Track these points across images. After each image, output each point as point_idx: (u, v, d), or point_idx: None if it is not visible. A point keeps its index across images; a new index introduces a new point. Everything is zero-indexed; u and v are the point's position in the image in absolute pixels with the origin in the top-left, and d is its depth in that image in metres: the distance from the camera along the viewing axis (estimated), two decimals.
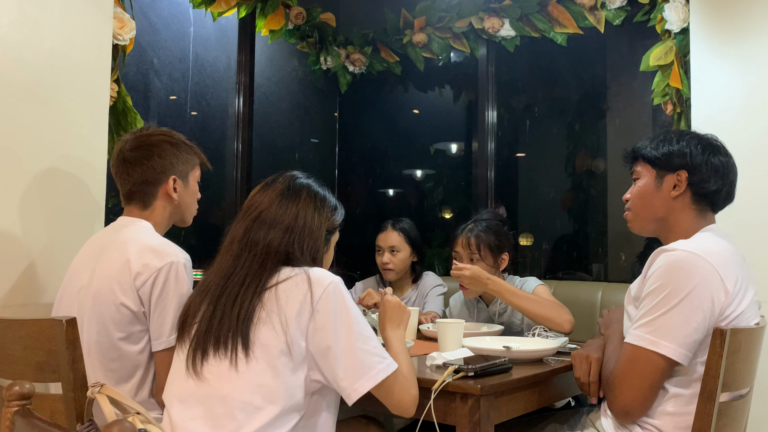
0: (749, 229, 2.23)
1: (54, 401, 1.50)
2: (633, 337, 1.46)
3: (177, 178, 1.75)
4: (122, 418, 0.94)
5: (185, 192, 1.78)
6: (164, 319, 1.57)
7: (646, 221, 1.66)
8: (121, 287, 1.57)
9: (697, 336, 1.42)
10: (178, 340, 1.39)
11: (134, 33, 2.38)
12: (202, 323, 1.33)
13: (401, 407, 1.37)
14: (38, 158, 2.00)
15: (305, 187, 1.47)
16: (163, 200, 1.75)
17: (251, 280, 1.33)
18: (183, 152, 1.77)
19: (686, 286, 1.41)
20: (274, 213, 1.41)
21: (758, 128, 2.35)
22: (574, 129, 3.34)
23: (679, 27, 2.60)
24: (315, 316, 1.29)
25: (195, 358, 1.30)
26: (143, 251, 1.60)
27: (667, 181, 1.60)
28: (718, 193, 1.58)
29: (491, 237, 2.35)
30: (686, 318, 1.41)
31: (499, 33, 3.28)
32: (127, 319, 1.58)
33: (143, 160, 1.71)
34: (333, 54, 3.72)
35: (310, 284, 1.31)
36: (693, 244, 1.47)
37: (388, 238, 2.78)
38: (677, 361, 1.42)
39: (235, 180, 3.22)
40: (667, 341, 1.41)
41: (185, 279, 1.59)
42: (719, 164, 1.57)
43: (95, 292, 1.60)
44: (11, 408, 0.99)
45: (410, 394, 1.38)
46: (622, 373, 1.48)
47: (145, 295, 1.58)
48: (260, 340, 1.27)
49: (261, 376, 1.26)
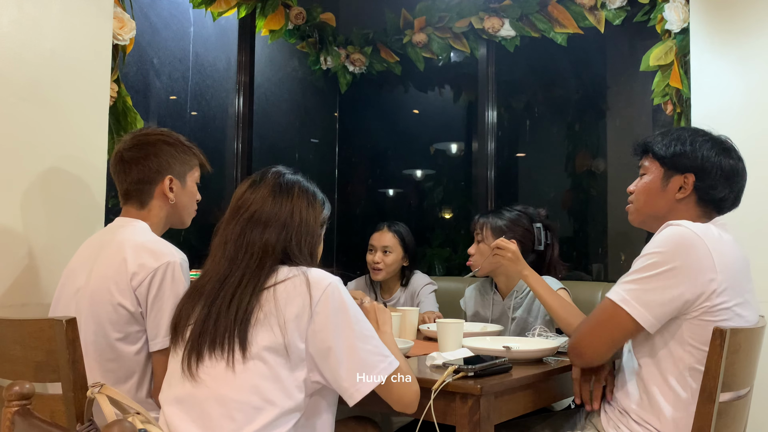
0: (749, 228, 2.23)
1: (54, 401, 1.50)
2: (612, 292, 1.51)
3: (174, 178, 1.74)
4: (122, 418, 0.94)
5: (182, 192, 1.78)
6: (161, 319, 1.57)
7: (646, 217, 1.67)
8: (117, 287, 1.57)
9: (668, 308, 1.45)
10: (172, 342, 1.38)
11: (134, 33, 2.38)
12: (196, 325, 1.32)
13: (403, 403, 1.37)
14: (38, 158, 2.00)
15: (296, 182, 1.46)
16: (159, 200, 1.74)
17: (249, 279, 1.32)
18: (180, 152, 1.76)
19: (676, 258, 1.43)
20: (268, 211, 1.40)
21: (758, 128, 2.35)
22: (574, 129, 3.34)
23: (679, 27, 2.60)
24: (314, 318, 1.28)
25: (190, 360, 1.30)
26: (139, 251, 1.60)
27: (673, 182, 1.59)
28: (725, 200, 1.58)
29: (496, 219, 2.36)
30: (664, 287, 1.43)
31: (499, 33, 3.28)
32: (124, 319, 1.58)
33: (140, 159, 1.71)
34: (333, 54, 3.72)
35: (309, 286, 1.30)
36: (699, 227, 1.48)
37: (382, 238, 2.77)
38: (642, 325, 1.45)
39: (235, 180, 3.22)
40: (639, 304, 1.45)
41: (182, 279, 1.59)
42: (729, 168, 1.56)
43: (92, 293, 1.60)
44: (11, 408, 0.99)
45: (412, 391, 1.38)
46: (591, 320, 1.55)
47: (142, 295, 1.57)
48: (258, 341, 1.26)
49: (259, 378, 1.25)
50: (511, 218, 2.36)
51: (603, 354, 1.54)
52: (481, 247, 2.36)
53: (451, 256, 3.65)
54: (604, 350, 1.53)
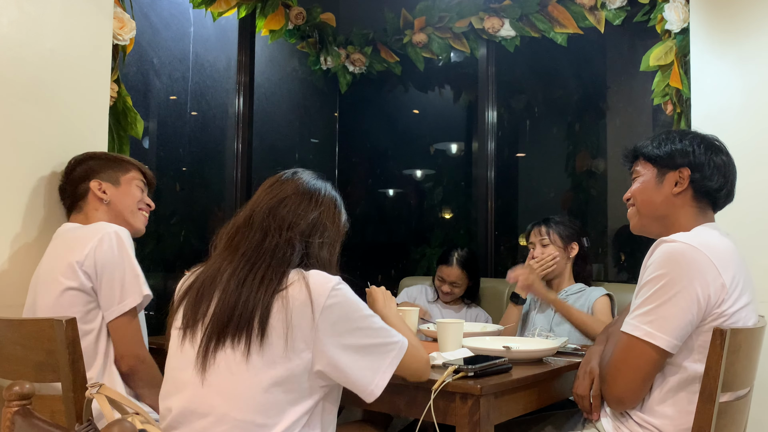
0: (749, 229, 2.23)
1: (54, 401, 1.51)
2: (629, 326, 1.47)
3: (102, 182, 1.91)
4: (122, 418, 0.94)
5: (116, 192, 1.92)
6: (112, 286, 1.69)
7: (647, 219, 1.66)
8: (63, 274, 1.69)
9: (690, 328, 1.43)
10: (183, 336, 1.32)
11: (134, 33, 2.38)
12: (221, 310, 1.27)
13: (417, 374, 1.43)
14: (38, 158, 2.01)
15: (323, 187, 1.49)
16: (94, 203, 1.91)
17: (269, 279, 1.28)
18: (107, 160, 1.97)
19: (683, 278, 1.42)
20: (293, 211, 1.38)
21: (758, 128, 2.35)
22: (574, 129, 3.34)
23: (679, 27, 2.59)
24: (319, 326, 1.25)
25: (209, 346, 1.25)
26: (78, 234, 1.76)
27: (668, 179, 1.60)
28: (720, 191, 1.59)
29: (560, 226, 2.58)
30: (682, 310, 1.41)
31: (499, 33, 3.28)
32: (76, 301, 1.68)
33: (69, 173, 1.95)
34: (333, 54, 3.72)
35: (310, 292, 1.26)
36: (693, 237, 1.47)
37: (452, 274, 2.87)
38: (671, 352, 1.44)
39: (235, 180, 3.22)
40: (662, 333, 1.42)
41: (125, 246, 1.72)
42: (721, 163, 1.58)
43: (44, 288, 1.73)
44: (11, 408, 0.99)
45: (423, 361, 1.43)
46: (617, 362, 1.49)
47: (92, 268, 1.69)
48: (272, 340, 1.24)
49: (268, 380, 1.22)
50: (568, 224, 2.59)
51: (642, 392, 1.49)
52: (549, 249, 2.54)
53: None
54: (642, 387, 1.48)
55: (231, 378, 1.23)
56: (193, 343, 1.29)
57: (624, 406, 1.52)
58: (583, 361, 1.67)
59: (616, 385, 1.49)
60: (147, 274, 1.80)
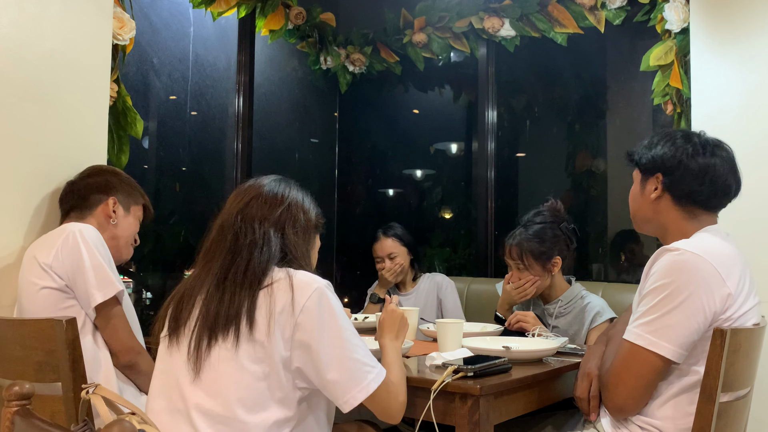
0: (749, 229, 2.23)
1: (54, 401, 1.50)
2: (632, 335, 1.46)
3: (117, 202, 1.89)
4: (121, 418, 0.94)
5: (124, 219, 1.92)
6: (86, 279, 1.69)
7: (641, 222, 1.70)
8: (36, 275, 1.71)
9: (695, 337, 1.42)
10: (170, 336, 1.34)
11: (134, 33, 2.38)
12: (209, 307, 1.29)
13: (388, 414, 1.36)
14: (38, 158, 2.01)
15: (288, 187, 1.46)
16: (100, 218, 1.88)
17: (251, 277, 1.30)
18: (126, 183, 1.94)
19: (688, 287, 1.41)
20: (263, 213, 1.39)
21: (758, 128, 2.35)
22: (574, 129, 3.34)
23: (679, 27, 2.59)
24: (299, 325, 1.26)
25: (200, 343, 1.27)
26: (45, 238, 1.79)
27: (648, 184, 1.63)
28: (699, 194, 1.56)
29: (535, 244, 2.27)
30: (687, 319, 1.41)
31: (499, 33, 3.28)
32: (53, 299, 1.70)
33: (86, 177, 1.92)
34: (333, 54, 3.72)
35: (293, 291, 1.28)
36: (695, 244, 1.47)
37: (383, 247, 2.84)
38: (674, 361, 1.43)
39: (235, 180, 3.22)
40: (666, 342, 1.41)
41: (91, 242, 1.72)
42: (695, 166, 1.56)
43: (23, 289, 1.76)
44: (11, 408, 0.99)
45: (398, 402, 1.37)
46: (618, 371, 1.48)
47: (61, 268, 1.70)
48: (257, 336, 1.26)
49: (251, 377, 1.25)
50: (543, 236, 2.29)
51: (644, 400, 1.48)
52: (524, 274, 2.30)
53: (451, 255, 3.65)
54: (644, 396, 1.47)
55: (221, 373, 1.25)
56: (179, 345, 1.31)
57: (624, 414, 1.51)
58: (583, 362, 1.67)
59: (617, 393, 1.49)
60: (147, 274, 1.81)
